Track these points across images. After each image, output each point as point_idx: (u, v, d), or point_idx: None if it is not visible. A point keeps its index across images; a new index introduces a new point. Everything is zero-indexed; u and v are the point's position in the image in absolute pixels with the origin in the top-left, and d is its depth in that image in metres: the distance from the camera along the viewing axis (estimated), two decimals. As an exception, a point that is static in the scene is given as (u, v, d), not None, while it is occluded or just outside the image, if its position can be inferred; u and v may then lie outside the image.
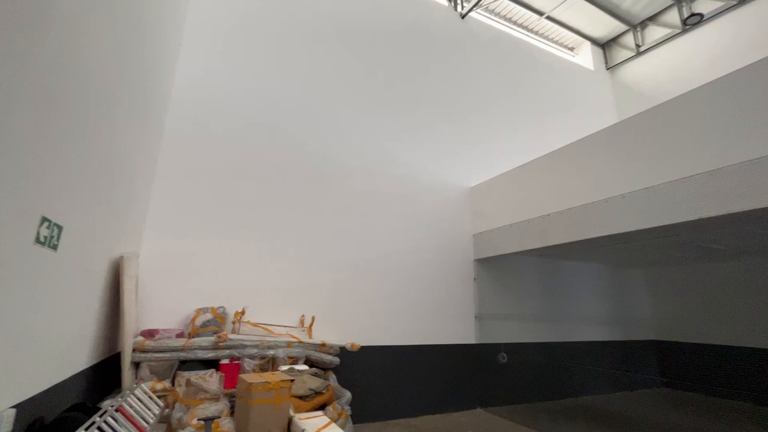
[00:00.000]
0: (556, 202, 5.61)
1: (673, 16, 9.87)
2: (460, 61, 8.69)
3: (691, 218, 3.98)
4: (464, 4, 9.28)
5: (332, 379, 4.79)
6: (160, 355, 3.94)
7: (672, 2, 9.79)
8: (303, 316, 5.41)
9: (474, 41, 9.17)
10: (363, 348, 5.50)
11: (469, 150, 7.97)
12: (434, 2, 8.88)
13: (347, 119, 6.70)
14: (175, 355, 3.99)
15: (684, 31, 9.65)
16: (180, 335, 4.31)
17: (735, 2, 8.73)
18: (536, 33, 10.95)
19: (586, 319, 8.38)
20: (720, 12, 8.97)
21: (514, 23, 10.55)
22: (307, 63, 6.64)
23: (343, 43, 7.16)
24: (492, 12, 10.14)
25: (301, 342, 4.70)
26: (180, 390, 3.65)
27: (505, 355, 6.75)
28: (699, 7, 9.34)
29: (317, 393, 3.89)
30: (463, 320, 6.82)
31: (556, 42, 11.35)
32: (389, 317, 6.11)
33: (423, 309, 6.43)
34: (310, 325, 5.35)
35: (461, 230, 7.31)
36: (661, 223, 4.20)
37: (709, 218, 3.87)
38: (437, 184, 7.29)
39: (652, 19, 10.38)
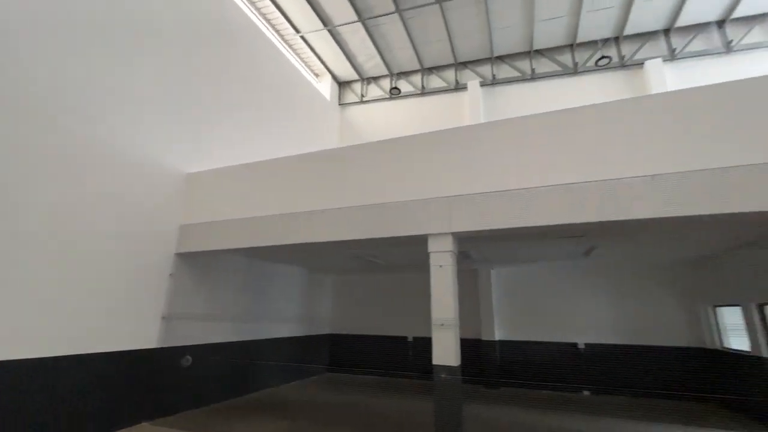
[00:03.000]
0: (270, 205, 5.89)
1: (386, 85, 12.91)
2: (210, 44, 7.93)
3: (361, 237, 5.10)
4: (224, -21, 8.59)
5: None
6: None
7: (387, 74, 12.81)
8: None
9: (229, 30, 8.64)
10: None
11: (193, 136, 7.23)
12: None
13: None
14: None
15: (390, 98, 12.78)
16: None
17: (419, 91, 12.44)
18: (290, 46, 11.55)
19: (282, 318, 9.18)
20: (411, 94, 12.55)
21: (273, 27, 10.72)
22: None
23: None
24: (255, 6, 9.93)
25: None
26: None
27: (189, 358, 6.30)
28: (402, 85, 12.68)
29: None
30: (147, 322, 5.88)
31: (305, 62, 12.36)
32: (23, 318, 4.43)
33: (90, 308, 5.08)
34: None
35: (165, 220, 6.40)
36: (341, 238, 5.17)
37: (380, 239, 5.11)
38: (141, 162, 6.12)
39: (375, 80, 13.17)
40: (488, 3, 9.55)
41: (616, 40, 10.63)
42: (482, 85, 11.75)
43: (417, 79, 12.63)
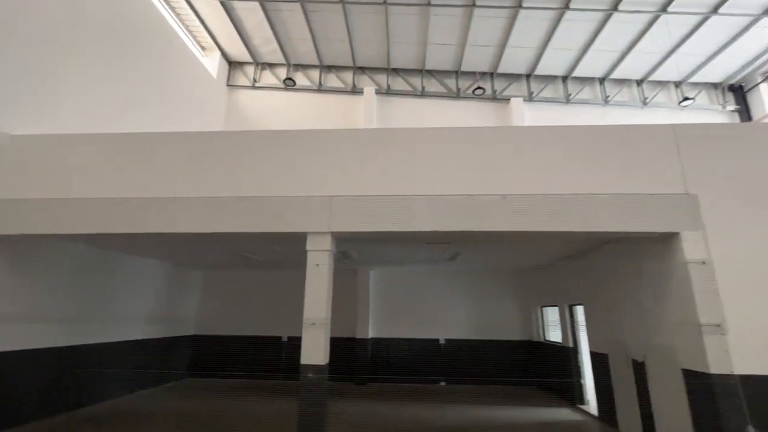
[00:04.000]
0: (125, 186, 5.03)
1: (282, 74, 12.37)
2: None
3: (234, 230, 4.75)
4: None
5: None
6: None
7: (284, 63, 12.30)
8: None
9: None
10: None
11: (28, 89, 5.76)
12: None
13: None
14: None
15: (285, 89, 12.29)
16: None
17: (315, 87, 12.27)
18: (173, 9, 10.15)
19: (132, 318, 7.92)
20: (308, 88, 12.31)
21: (151, -18, 9.26)
22: None
23: None
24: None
25: None
26: None
27: None
28: (298, 78, 12.33)
29: None
30: None
31: (190, 31, 11.01)
32: None
33: None
34: None
35: (-33, 189, 4.92)
36: (211, 230, 4.73)
37: (256, 233, 4.80)
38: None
39: (270, 66, 12.50)
40: (388, 17, 9.98)
41: (491, 75, 12.26)
42: (378, 92, 12.21)
43: (315, 74, 12.43)
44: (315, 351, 4.28)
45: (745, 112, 11.92)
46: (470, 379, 9.38)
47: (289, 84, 12.05)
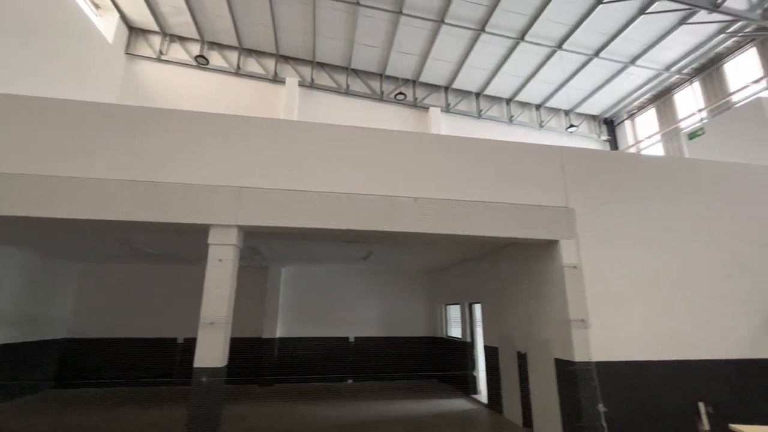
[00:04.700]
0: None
1: (195, 50, 11.27)
2: None
3: (123, 219, 4.17)
4: None
5: None
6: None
7: (197, 39, 11.22)
8: None
9: None
10: None
11: None
12: None
13: None
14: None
15: (197, 67, 11.23)
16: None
17: (233, 70, 11.44)
18: (56, -47, 8.55)
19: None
20: (224, 70, 11.41)
21: None
22: None
23: None
24: None
25: None
26: None
27: None
28: (213, 57, 11.35)
29: None
30: None
31: (79, -16, 9.40)
32: None
33: None
34: None
35: None
36: (92, 216, 4.09)
37: (146, 223, 4.25)
38: None
39: (181, 40, 11.30)
40: (317, 9, 9.75)
41: (414, 83, 12.77)
42: (301, 85, 11.84)
43: (233, 56, 11.58)
44: (212, 353, 3.97)
45: (614, 142, 14.28)
46: (377, 376, 9.63)
47: (201, 62, 11.05)
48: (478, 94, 13.27)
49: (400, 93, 11.35)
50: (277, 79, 11.75)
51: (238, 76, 11.57)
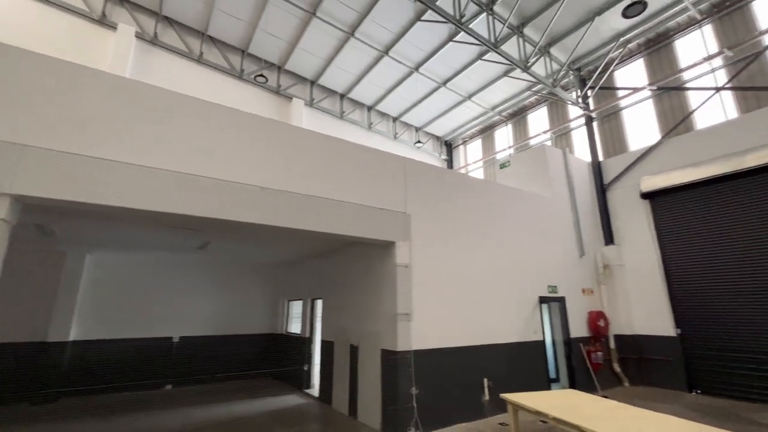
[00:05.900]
0: None
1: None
2: None
3: None
4: None
5: None
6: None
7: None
8: None
9: None
10: None
11: None
12: None
13: None
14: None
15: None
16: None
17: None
18: None
19: None
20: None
21: None
22: None
23: None
24: None
25: None
26: None
27: None
28: None
29: None
30: None
31: None
32: None
33: None
34: None
35: None
36: None
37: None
38: None
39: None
40: (169, -48, 8.30)
41: (279, 69, 12.18)
42: (139, 37, 9.87)
43: (37, -26, 8.80)
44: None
45: (450, 162, 16.69)
46: (202, 378, 8.74)
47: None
48: (342, 96, 13.57)
49: (261, 75, 10.67)
50: (105, 21, 9.48)
51: (49, 4, 8.85)
